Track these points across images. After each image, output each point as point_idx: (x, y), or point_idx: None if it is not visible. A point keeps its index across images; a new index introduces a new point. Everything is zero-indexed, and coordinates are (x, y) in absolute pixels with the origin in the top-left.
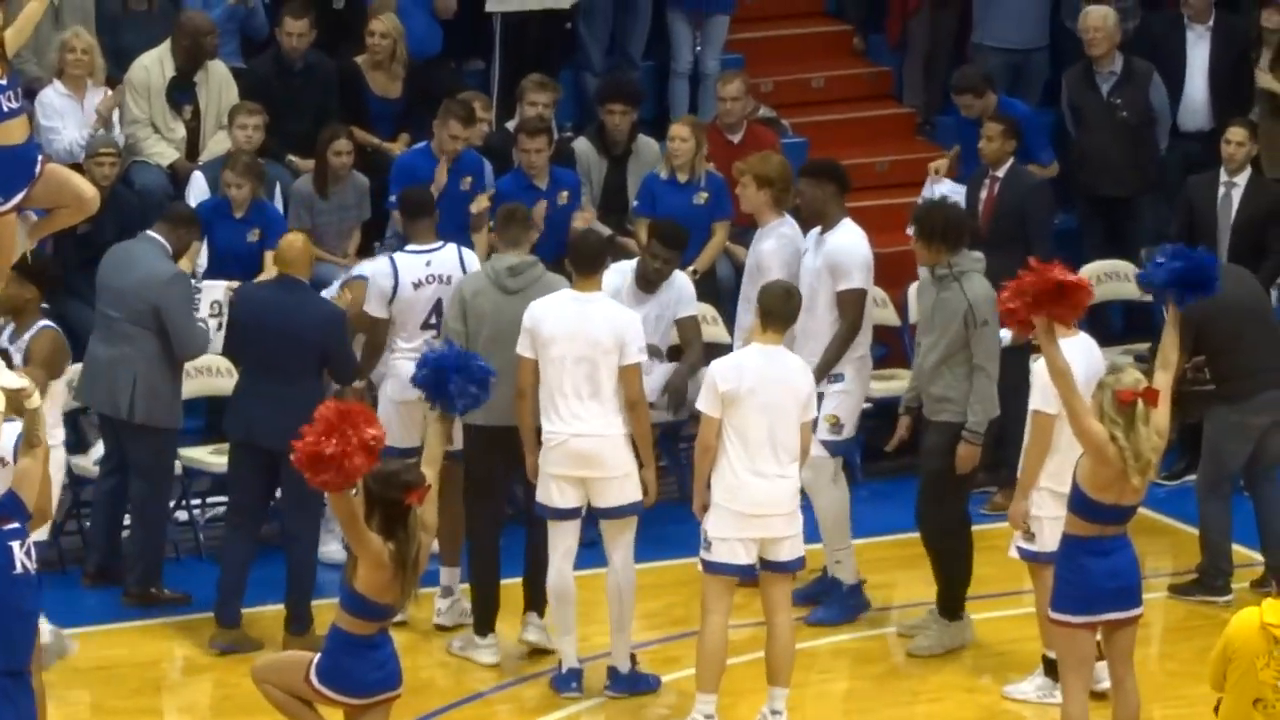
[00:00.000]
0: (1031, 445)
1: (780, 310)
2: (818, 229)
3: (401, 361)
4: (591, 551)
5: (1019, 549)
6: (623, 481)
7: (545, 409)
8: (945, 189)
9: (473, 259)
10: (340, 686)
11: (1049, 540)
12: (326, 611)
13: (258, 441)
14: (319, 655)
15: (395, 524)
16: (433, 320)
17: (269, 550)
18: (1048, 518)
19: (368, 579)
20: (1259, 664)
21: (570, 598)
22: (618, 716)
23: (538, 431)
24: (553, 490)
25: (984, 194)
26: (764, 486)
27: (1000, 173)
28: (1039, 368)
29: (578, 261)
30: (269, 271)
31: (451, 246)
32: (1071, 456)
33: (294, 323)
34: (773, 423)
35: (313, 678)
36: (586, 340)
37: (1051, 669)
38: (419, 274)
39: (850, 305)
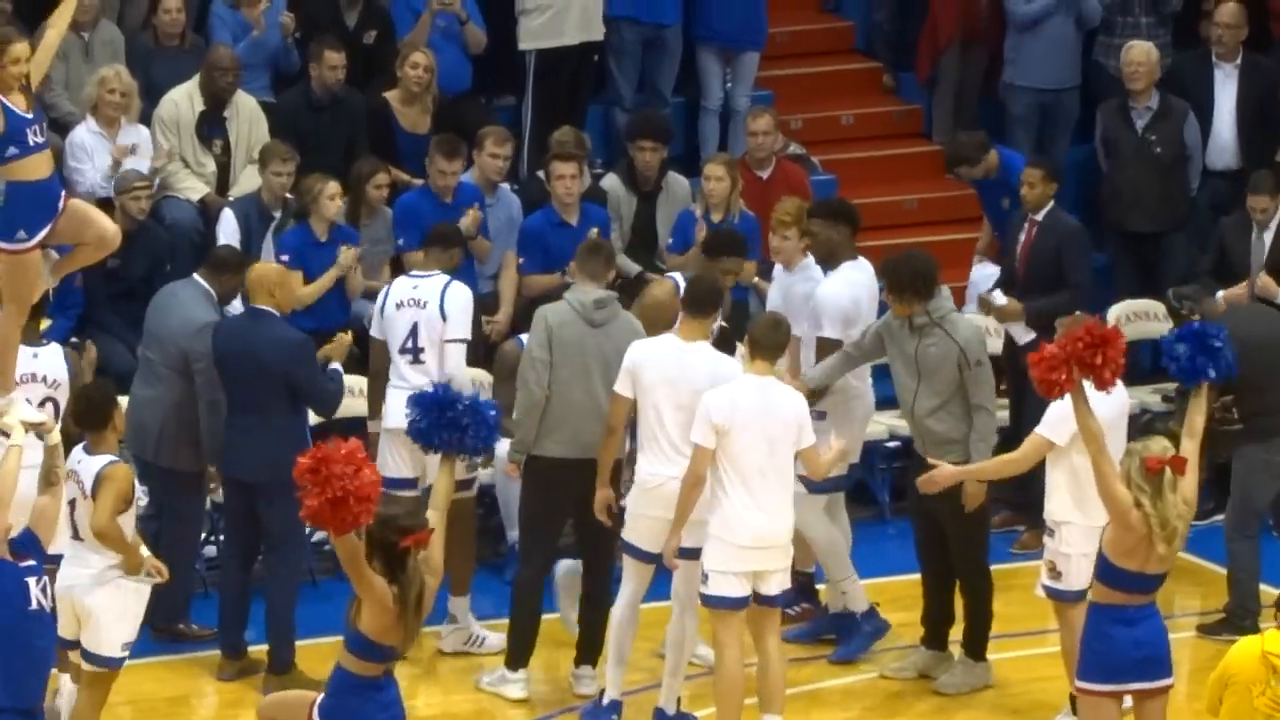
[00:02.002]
0: (1015, 458)
1: (769, 340)
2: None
3: (390, 390)
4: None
5: (1045, 587)
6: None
7: (645, 450)
8: (990, 270)
9: (456, 292)
10: None
11: (1075, 578)
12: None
13: (236, 475)
14: (322, 695)
15: (397, 566)
16: (409, 344)
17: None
18: (1076, 554)
19: (371, 620)
20: (1255, 690)
21: (632, 631)
22: None
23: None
24: (641, 530)
25: (1022, 237)
26: (762, 519)
27: (1040, 216)
28: (1061, 404)
29: (694, 306)
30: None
31: (442, 277)
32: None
33: (257, 352)
34: (768, 453)
35: (315, 718)
36: (690, 389)
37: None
38: (403, 296)
39: (823, 353)
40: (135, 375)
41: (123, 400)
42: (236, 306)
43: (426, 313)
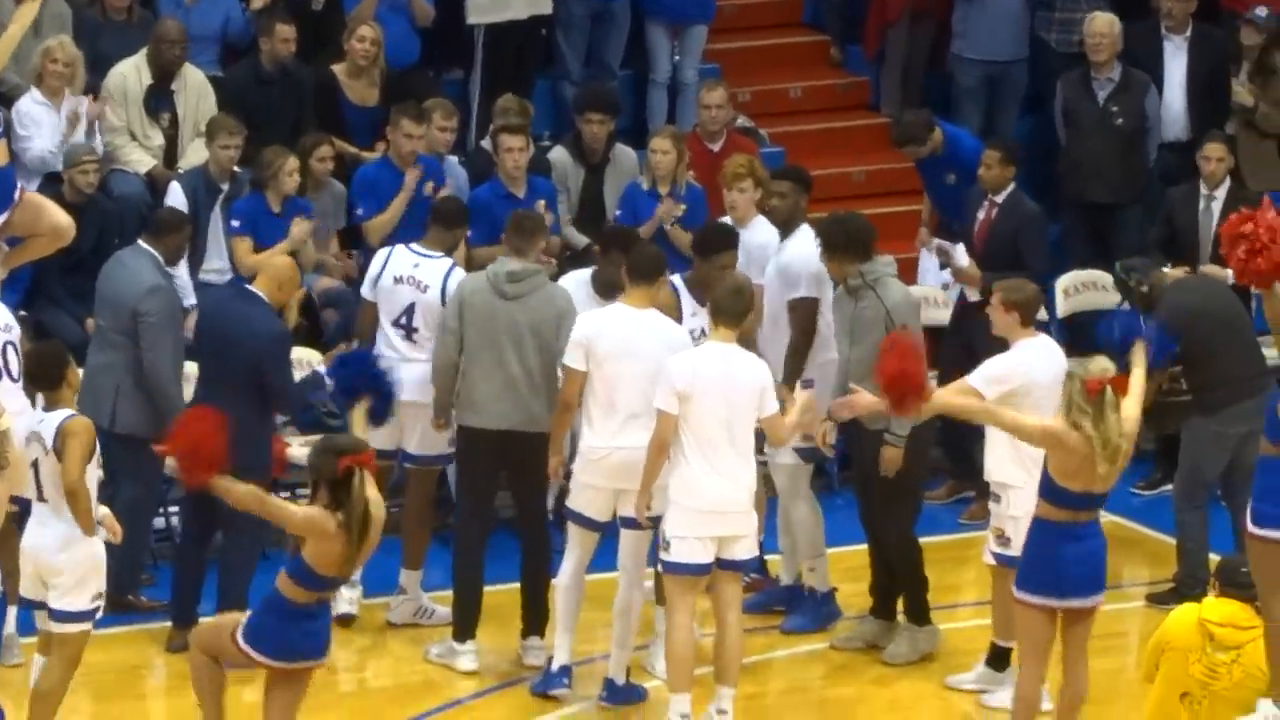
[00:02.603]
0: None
1: (730, 307)
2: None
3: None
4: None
5: (994, 554)
6: (655, 495)
7: (593, 421)
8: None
9: (459, 280)
10: (264, 648)
11: (1021, 542)
12: None
13: None
14: (249, 613)
15: (340, 491)
16: (403, 320)
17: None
18: (1024, 516)
19: (316, 550)
20: (1191, 658)
21: (578, 598)
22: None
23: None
24: (588, 500)
25: (981, 215)
26: (722, 484)
27: (1000, 198)
28: (999, 362)
29: (641, 275)
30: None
31: (445, 261)
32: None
33: (234, 332)
34: (729, 420)
35: (239, 635)
36: (644, 357)
37: (995, 659)
38: (403, 271)
39: (799, 314)
40: (90, 344)
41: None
42: (182, 270)
43: (426, 297)
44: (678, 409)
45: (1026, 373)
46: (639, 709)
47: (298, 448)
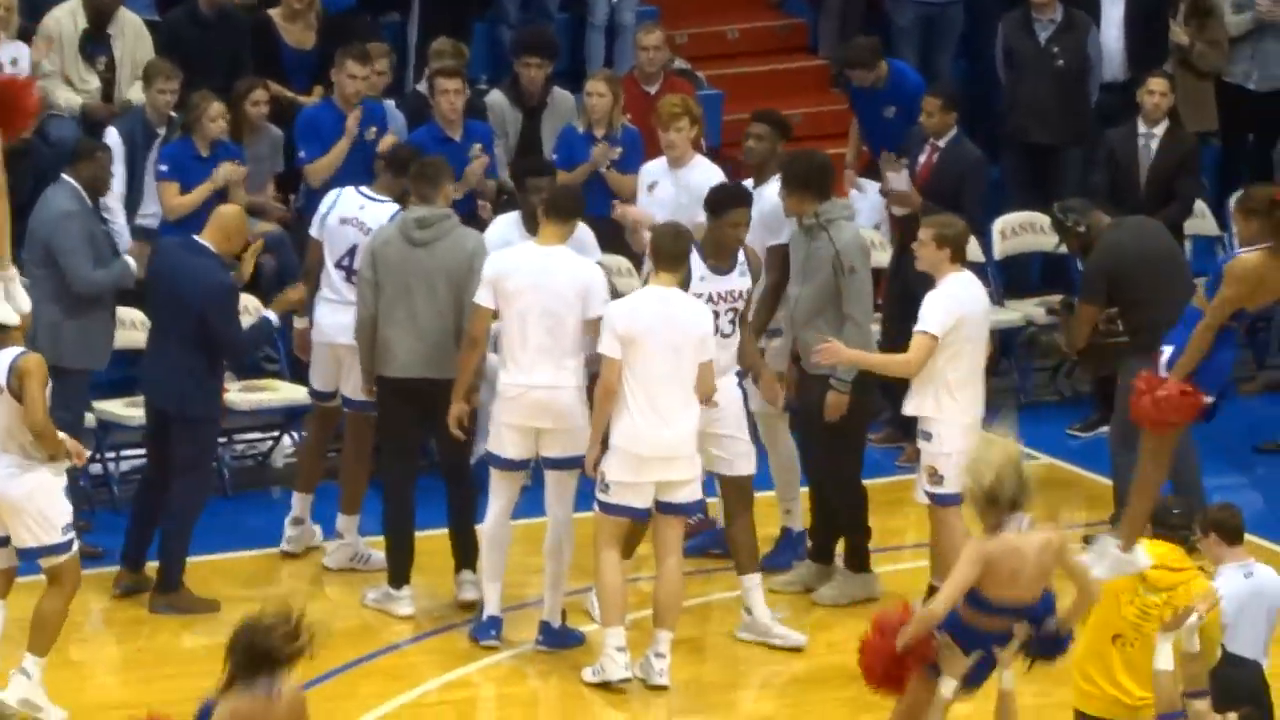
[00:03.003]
0: (906, 359)
1: (671, 250)
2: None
3: (319, 300)
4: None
5: (928, 493)
6: (574, 434)
7: (507, 360)
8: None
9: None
10: None
11: (955, 480)
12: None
13: (150, 398)
14: None
15: None
16: (345, 262)
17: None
18: (956, 452)
19: None
20: (1123, 599)
21: (504, 545)
22: (535, 666)
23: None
24: (506, 440)
25: (922, 159)
26: (665, 430)
27: (942, 142)
28: (937, 299)
29: (555, 212)
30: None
31: (391, 206)
32: (974, 388)
33: (179, 284)
34: (672, 364)
35: None
36: (554, 293)
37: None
38: (350, 213)
39: (779, 260)
40: None
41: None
42: (119, 215)
43: (362, 234)
44: (620, 354)
45: (961, 307)
46: (576, 652)
47: (236, 393)
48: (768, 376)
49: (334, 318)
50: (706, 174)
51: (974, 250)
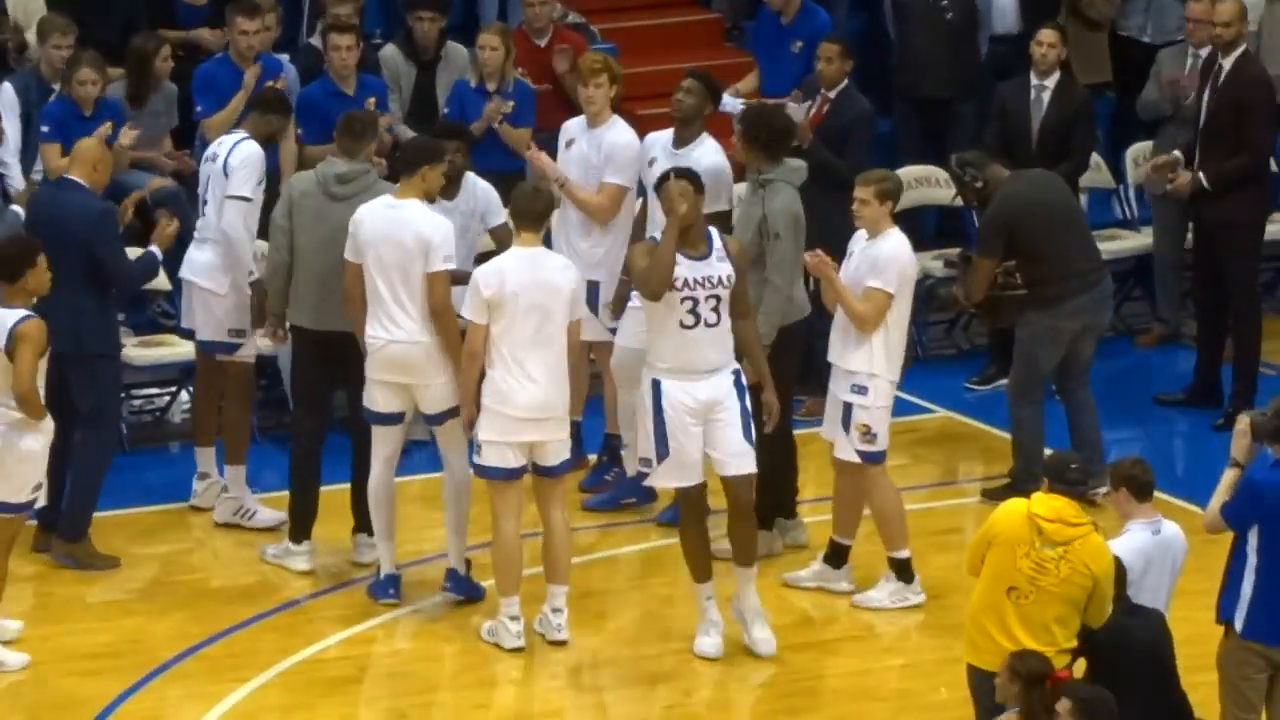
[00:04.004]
0: (865, 315)
1: (530, 209)
2: (668, 137)
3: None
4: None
5: (860, 452)
6: (444, 387)
7: (369, 314)
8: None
9: (242, 150)
10: None
11: (884, 438)
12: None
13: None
14: None
15: None
16: (204, 196)
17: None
18: (886, 409)
19: None
20: (1019, 552)
21: (390, 503)
22: (434, 623)
23: None
24: (376, 395)
25: (813, 110)
26: (534, 390)
27: (833, 94)
28: (883, 251)
29: (401, 164)
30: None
31: (237, 135)
32: (900, 347)
33: (62, 220)
34: (541, 325)
35: None
36: (398, 245)
37: (903, 571)
38: (210, 150)
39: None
40: None
41: None
42: (6, 155)
43: (215, 166)
44: (487, 318)
45: (909, 265)
46: (477, 607)
47: (133, 348)
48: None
49: (192, 256)
50: (621, 134)
51: None
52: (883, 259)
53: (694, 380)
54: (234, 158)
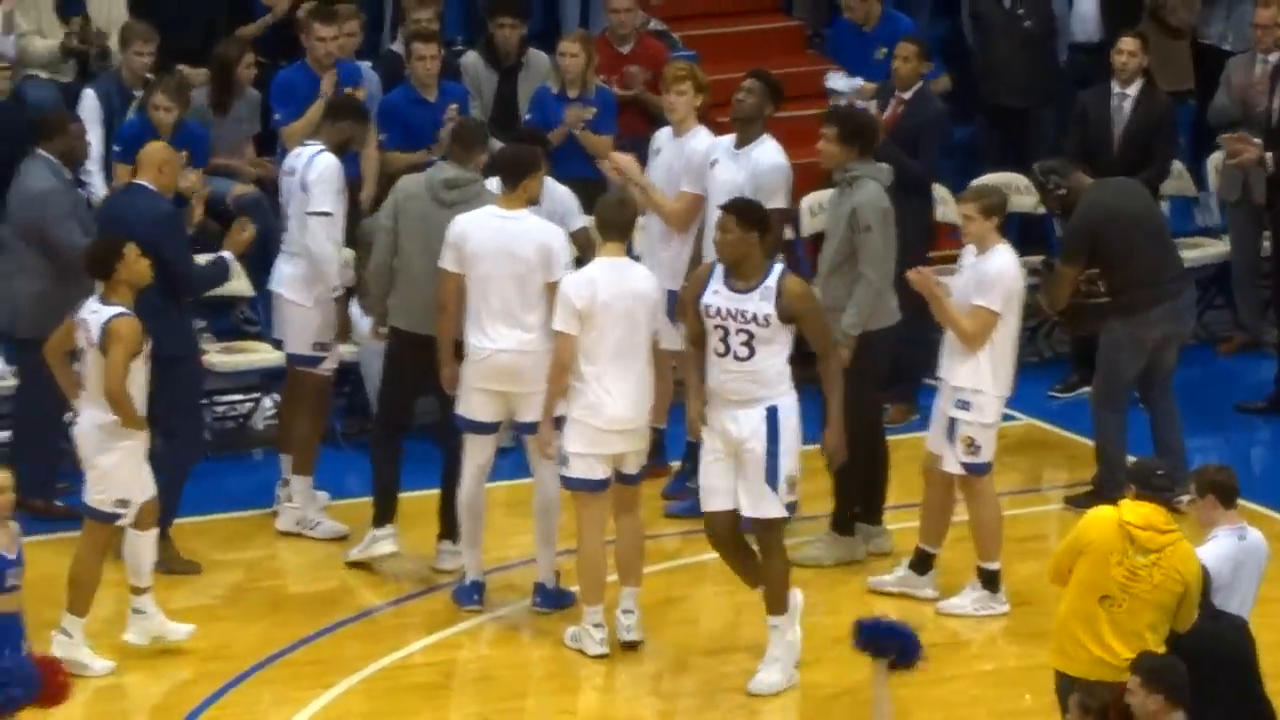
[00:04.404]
0: (972, 334)
1: (616, 220)
2: (729, 140)
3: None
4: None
5: (964, 464)
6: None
7: (471, 324)
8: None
9: (320, 164)
10: None
11: (988, 450)
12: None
13: None
14: None
15: None
16: (288, 210)
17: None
18: (993, 424)
19: None
20: (1112, 560)
21: (480, 511)
22: (518, 629)
23: (459, 344)
24: (475, 403)
25: (888, 113)
26: (622, 401)
27: (907, 95)
28: (990, 269)
29: (503, 175)
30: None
31: (314, 147)
32: (1009, 363)
33: (129, 225)
34: (627, 335)
35: None
36: (513, 256)
37: (989, 582)
38: (288, 162)
39: (774, 224)
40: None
41: None
42: (98, 179)
43: (293, 180)
44: (577, 329)
45: (1015, 281)
46: (563, 614)
47: (215, 355)
48: None
49: (280, 268)
50: (702, 143)
51: (954, 212)
52: (989, 277)
53: (719, 409)
54: (311, 173)
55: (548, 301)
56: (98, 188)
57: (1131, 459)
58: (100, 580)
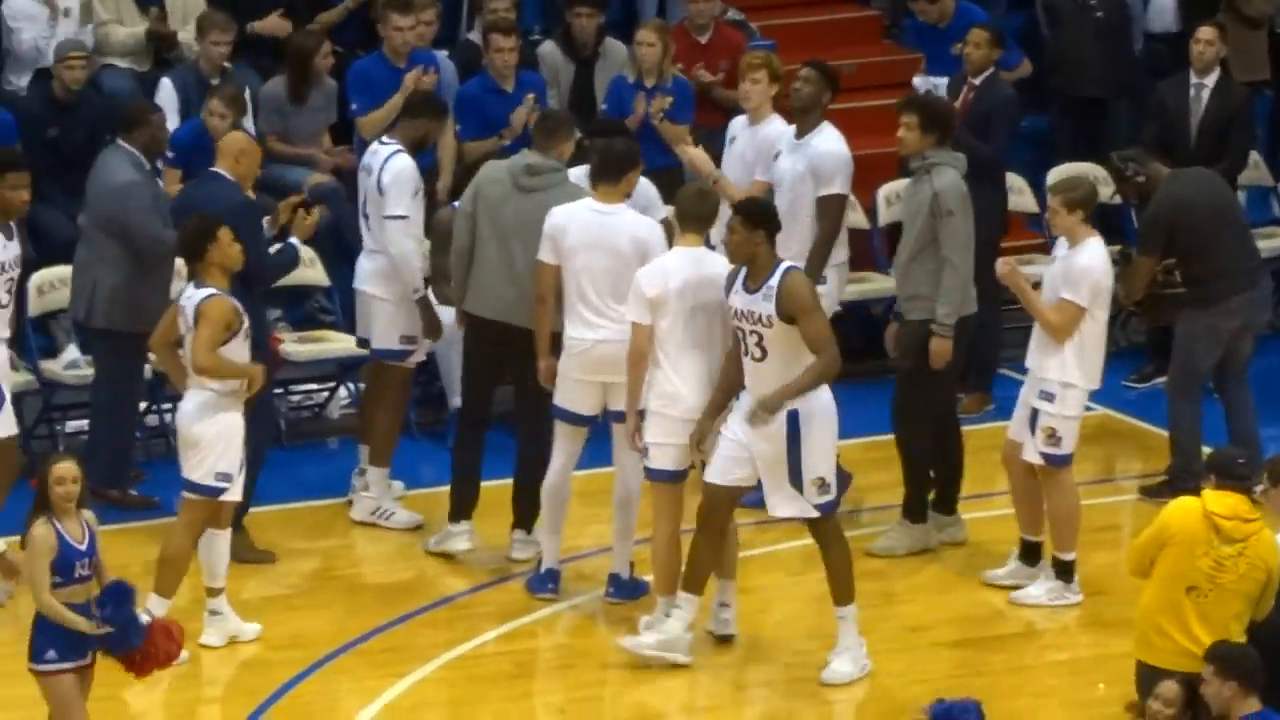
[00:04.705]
0: (1058, 326)
1: (696, 211)
2: (792, 129)
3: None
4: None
5: (1044, 454)
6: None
7: (569, 314)
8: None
9: (394, 165)
10: None
11: (1069, 442)
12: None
13: None
14: None
15: None
16: (365, 209)
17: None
18: (1076, 417)
19: None
20: (1198, 551)
21: (565, 500)
22: (592, 618)
23: (555, 336)
24: (574, 395)
25: (960, 100)
26: (700, 391)
27: (978, 81)
28: (1078, 262)
29: (605, 169)
30: None
31: (391, 147)
32: (1096, 356)
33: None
34: (704, 325)
35: None
36: (610, 250)
37: (1063, 571)
38: (364, 159)
39: (831, 210)
40: (79, 241)
41: (65, 270)
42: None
43: (370, 181)
44: (650, 319)
45: (1103, 276)
46: (636, 603)
47: (291, 344)
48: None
49: (362, 265)
50: (779, 131)
51: (1028, 201)
52: (1076, 271)
53: (741, 405)
54: (386, 175)
55: None
56: (170, 179)
57: (1207, 449)
58: (191, 562)
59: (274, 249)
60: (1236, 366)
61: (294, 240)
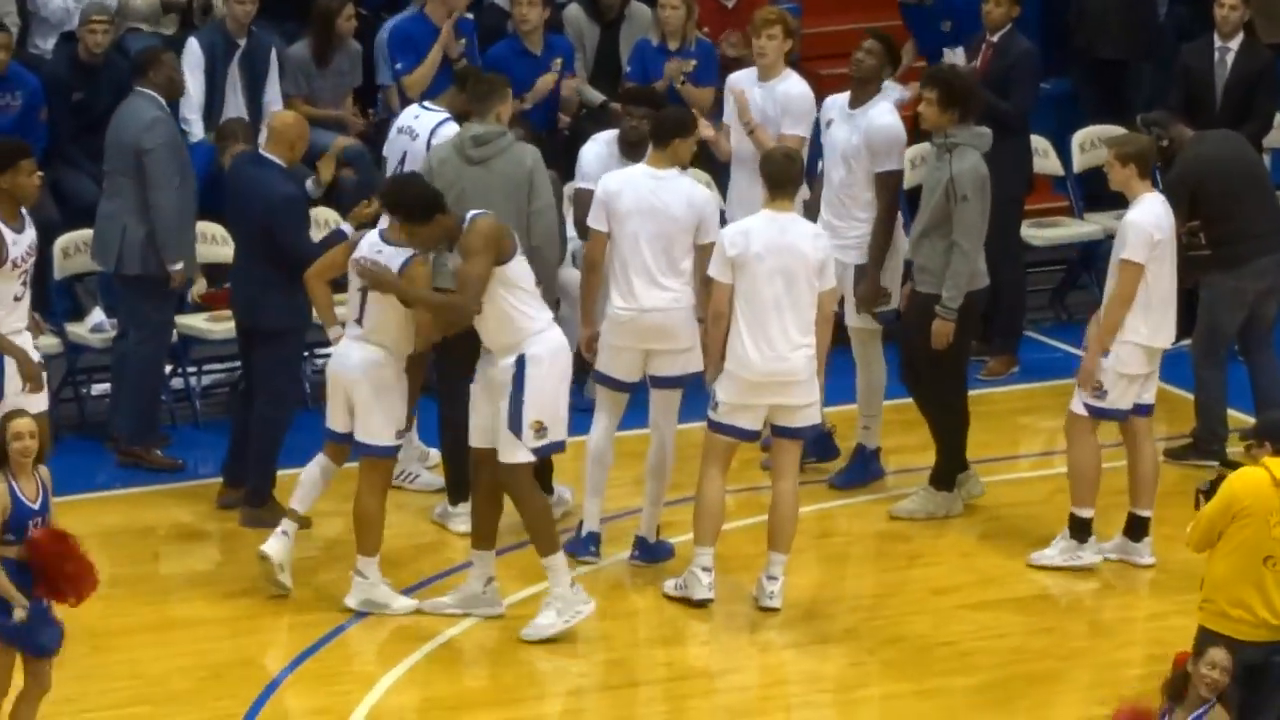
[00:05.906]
0: (1122, 295)
1: (784, 176)
2: (845, 99)
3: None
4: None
5: (1086, 405)
6: (687, 354)
7: (618, 281)
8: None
9: (449, 132)
10: None
11: (1121, 398)
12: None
13: (234, 312)
14: None
15: None
16: (398, 170)
17: None
18: (1133, 374)
19: None
20: (1272, 520)
21: (608, 464)
22: (616, 583)
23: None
24: (618, 362)
25: (978, 62)
26: (774, 355)
27: (995, 38)
28: (1134, 224)
29: (653, 135)
30: None
31: (441, 114)
32: (1163, 313)
33: (248, 199)
34: (784, 289)
35: None
36: (665, 217)
37: (1077, 529)
38: (406, 122)
39: (890, 187)
40: (102, 195)
41: (90, 233)
42: (197, 127)
43: (415, 145)
44: (730, 278)
45: (1160, 231)
46: (665, 566)
47: None
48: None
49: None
50: (795, 85)
51: (1053, 164)
52: (1127, 228)
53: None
54: (437, 141)
55: (696, 263)
56: (196, 135)
57: (1232, 413)
58: (385, 517)
59: (323, 237)
60: (1262, 329)
61: (345, 226)
